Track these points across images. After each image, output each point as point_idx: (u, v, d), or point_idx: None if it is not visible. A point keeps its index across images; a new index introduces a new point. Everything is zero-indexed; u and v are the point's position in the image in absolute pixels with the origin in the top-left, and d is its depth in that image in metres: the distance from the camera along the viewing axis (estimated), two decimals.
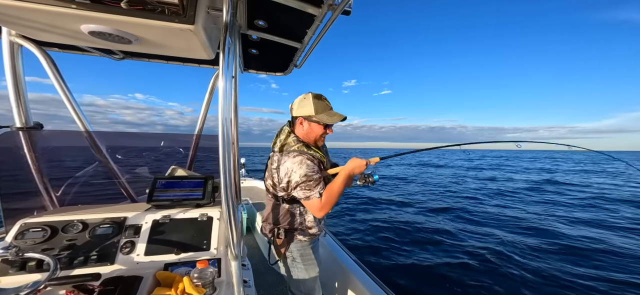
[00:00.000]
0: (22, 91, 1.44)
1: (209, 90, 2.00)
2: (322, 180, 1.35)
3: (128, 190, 1.82)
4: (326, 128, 1.45)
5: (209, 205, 1.43)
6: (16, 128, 1.45)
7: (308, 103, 1.39)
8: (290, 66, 2.03)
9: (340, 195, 1.36)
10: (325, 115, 1.40)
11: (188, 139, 2.04)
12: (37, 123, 1.52)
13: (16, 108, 1.44)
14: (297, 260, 1.47)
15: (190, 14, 0.92)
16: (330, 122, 1.42)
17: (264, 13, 1.32)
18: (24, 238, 1.13)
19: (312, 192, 1.30)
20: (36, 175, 1.50)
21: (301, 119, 1.43)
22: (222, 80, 0.93)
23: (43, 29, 1.03)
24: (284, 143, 1.43)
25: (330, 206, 1.33)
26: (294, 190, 1.33)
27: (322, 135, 1.46)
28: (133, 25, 0.94)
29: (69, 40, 1.14)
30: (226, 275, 1.11)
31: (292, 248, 1.46)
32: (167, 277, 1.05)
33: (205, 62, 1.95)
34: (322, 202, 1.31)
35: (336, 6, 1.12)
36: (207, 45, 1.11)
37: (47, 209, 1.50)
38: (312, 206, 1.34)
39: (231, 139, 0.96)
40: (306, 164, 1.31)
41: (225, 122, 0.92)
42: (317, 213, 1.35)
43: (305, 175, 1.29)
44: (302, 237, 1.46)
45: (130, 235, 1.22)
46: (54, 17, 0.89)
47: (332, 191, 1.33)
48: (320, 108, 1.39)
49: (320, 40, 1.49)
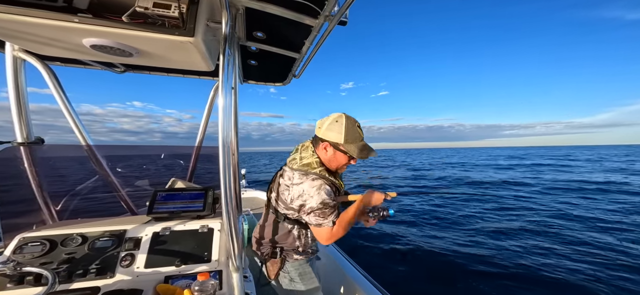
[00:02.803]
0: (24, 106, 1.45)
1: (209, 101, 2.02)
2: (336, 209, 1.28)
3: (128, 203, 1.81)
4: (351, 159, 1.32)
5: (209, 216, 1.42)
6: (17, 143, 1.46)
7: (339, 128, 1.26)
8: (289, 76, 2.06)
9: (351, 227, 1.28)
10: (355, 147, 1.27)
11: (188, 151, 2.04)
12: (38, 138, 1.52)
13: (18, 123, 1.44)
14: (296, 280, 1.40)
15: (189, 26, 0.94)
16: (358, 157, 1.28)
17: (262, 25, 1.34)
18: (23, 252, 1.12)
19: (326, 220, 1.23)
20: (36, 190, 1.50)
21: (326, 144, 1.29)
22: (221, 92, 0.94)
23: (46, 43, 1.05)
24: (306, 163, 1.32)
25: (339, 236, 1.25)
26: (307, 215, 1.26)
27: (345, 164, 1.35)
28: (134, 39, 0.96)
29: (71, 54, 1.16)
30: (228, 287, 1.10)
31: (288, 268, 1.40)
32: (167, 289, 1.04)
33: (205, 74, 1.98)
34: (334, 231, 1.24)
35: (332, 17, 1.15)
36: (207, 57, 1.13)
37: (47, 223, 1.49)
38: (321, 233, 1.27)
39: (231, 150, 0.96)
40: (325, 189, 1.24)
41: (225, 134, 0.93)
42: (324, 241, 1.27)
43: (322, 203, 1.21)
44: (298, 256, 1.40)
45: (130, 248, 1.20)
46: (56, 31, 0.91)
47: (344, 221, 1.25)
48: (351, 138, 1.26)
49: (318, 51, 1.52)
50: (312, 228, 1.29)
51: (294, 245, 1.39)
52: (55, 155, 1.69)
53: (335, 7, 1.10)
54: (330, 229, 1.24)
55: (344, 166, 1.36)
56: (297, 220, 1.36)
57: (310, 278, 1.44)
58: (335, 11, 1.11)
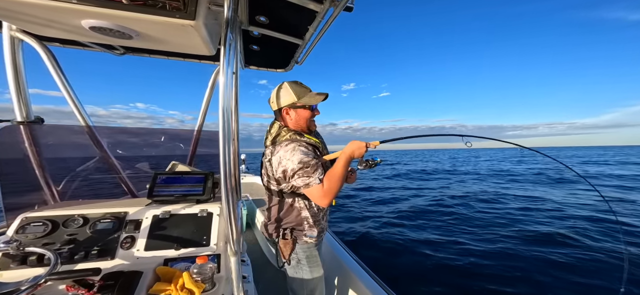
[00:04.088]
0: (22, 86, 1.44)
1: (210, 86, 2.00)
2: (319, 166, 1.28)
3: (129, 186, 1.83)
4: (313, 110, 1.41)
5: (209, 201, 1.44)
6: (17, 122, 1.46)
7: (287, 91, 1.35)
8: (291, 62, 2.02)
9: (343, 180, 1.30)
10: (307, 98, 1.37)
11: (188, 135, 2.04)
12: (38, 117, 1.52)
13: (17, 102, 1.44)
14: (302, 262, 1.41)
15: (191, 9, 0.92)
16: (315, 103, 1.39)
17: (265, 8, 1.31)
18: (25, 232, 1.14)
19: (311, 178, 1.23)
20: (37, 170, 1.51)
21: (286, 109, 1.38)
22: (222, 76, 0.93)
23: (44, 24, 1.02)
24: (275, 135, 1.39)
25: (333, 192, 1.25)
26: (292, 179, 1.26)
27: (311, 118, 1.42)
28: (134, 21, 0.94)
29: (69, 35, 1.14)
30: (226, 270, 1.12)
31: (298, 250, 1.41)
32: (166, 272, 1.06)
33: (206, 58, 1.95)
34: (325, 188, 1.23)
35: (338, 2, 1.12)
36: (208, 41, 1.11)
37: (48, 204, 1.51)
38: (314, 194, 1.26)
39: (232, 135, 0.96)
40: (299, 150, 1.27)
41: (225, 118, 0.92)
42: (321, 201, 1.26)
43: (300, 161, 1.23)
44: (308, 239, 1.40)
45: (131, 231, 1.22)
46: (54, 12, 0.89)
47: (334, 175, 1.27)
48: (301, 93, 1.36)
49: (321, 39, 1.48)
50: (304, 191, 1.28)
51: (299, 221, 1.39)
52: (56, 136, 1.69)
53: None
54: (320, 186, 1.24)
55: (311, 120, 1.43)
56: (294, 192, 1.36)
57: (316, 262, 1.44)
58: None
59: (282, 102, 1.37)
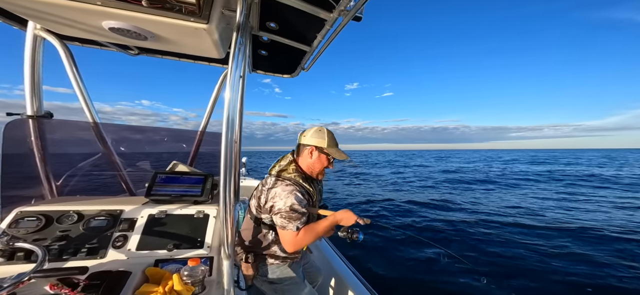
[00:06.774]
0: (38, 81, 1.49)
1: (217, 88, 2.03)
2: (304, 216, 1.33)
3: (127, 183, 1.81)
4: (330, 163, 1.51)
5: (206, 202, 1.41)
6: (27, 116, 1.48)
7: (323, 136, 1.47)
8: (298, 69, 2.07)
9: (318, 238, 1.37)
10: (335, 150, 1.49)
11: (191, 135, 2.05)
12: (47, 112, 1.55)
13: (30, 97, 1.47)
14: (276, 283, 1.43)
15: (205, 13, 0.96)
16: (339, 159, 1.51)
17: (276, 15, 1.36)
18: (18, 226, 1.11)
19: (291, 223, 1.28)
20: (39, 164, 1.51)
21: (313, 148, 1.46)
22: (230, 80, 0.95)
23: (67, 24, 1.07)
24: (282, 169, 1.45)
25: (303, 245, 1.31)
26: (275, 215, 1.32)
27: (325, 167, 1.51)
28: (151, 23, 0.98)
29: (89, 35, 1.19)
30: (218, 274, 1.07)
31: (266, 271, 1.42)
32: (156, 273, 1.02)
33: (215, 61, 2.01)
34: (298, 237, 1.29)
35: (347, 12, 1.15)
36: (219, 45, 1.15)
37: (46, 199, 1.50)
38: (285, 237, 1.31)
39: (234, 138, 0.96)
40: (295, 195, 1.32)
41: (230, 121, 0.93)
42: (288, 246, 1.32)
43: (290, 207, 1.28)
44: (273, 260, 1.42)
45: (124, 229, 1.19)
46: (78, 13, 0.94)
47: (313, 231, 1.33)
48: (332, 143, 1.48)
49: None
50: (278, 230, 1.34)
51: (270, 250, 1.42)
52: (62, 131, 1.70)
53: (351, 1, 1.09)
54: (294, 234, 1.29)
55: (324, 169, 1.52)
56: (272, 225, 1.39)
57: (292, 282, 1.45)
58: (351, 6, 1.11)
59: (314, 141, 1.47)
